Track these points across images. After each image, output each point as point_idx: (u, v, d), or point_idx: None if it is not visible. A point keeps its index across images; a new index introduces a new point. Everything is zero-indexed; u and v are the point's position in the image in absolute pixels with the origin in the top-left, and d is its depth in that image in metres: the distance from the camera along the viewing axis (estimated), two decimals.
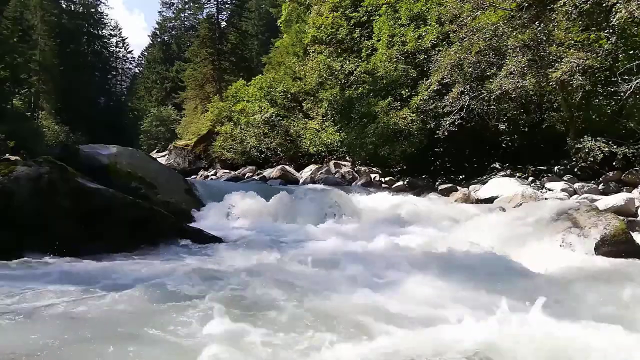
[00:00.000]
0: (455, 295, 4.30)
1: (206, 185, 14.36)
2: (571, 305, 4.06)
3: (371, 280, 4.75)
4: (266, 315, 3.64)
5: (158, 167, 10.86)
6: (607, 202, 9.03)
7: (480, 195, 11.85)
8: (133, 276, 4.86)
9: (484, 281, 4.72)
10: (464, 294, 4.36)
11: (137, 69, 62.26)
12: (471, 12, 13.32)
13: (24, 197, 5.79)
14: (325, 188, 13.50)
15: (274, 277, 4.78)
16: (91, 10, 54.64)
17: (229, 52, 39.14)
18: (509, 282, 4.80)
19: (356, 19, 21.42)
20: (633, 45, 11.36)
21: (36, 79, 34.34)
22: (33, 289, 4.22)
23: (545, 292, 4.46)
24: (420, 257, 6.13)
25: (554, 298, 4.30)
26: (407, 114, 15.97)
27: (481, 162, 15.03)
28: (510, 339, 3.22)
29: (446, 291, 4.40)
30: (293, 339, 3.21)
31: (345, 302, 4.08)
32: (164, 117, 42.92)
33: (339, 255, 6.01)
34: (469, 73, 14.01)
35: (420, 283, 4.64)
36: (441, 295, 4.27)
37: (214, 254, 6.34)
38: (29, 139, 22.09)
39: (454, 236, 7.70)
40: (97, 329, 3.36)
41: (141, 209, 6.82)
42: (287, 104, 22.16)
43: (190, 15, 56.40)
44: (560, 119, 13.31)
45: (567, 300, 4.28)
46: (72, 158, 8.59)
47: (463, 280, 4.71)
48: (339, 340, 3.18)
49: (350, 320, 3.58)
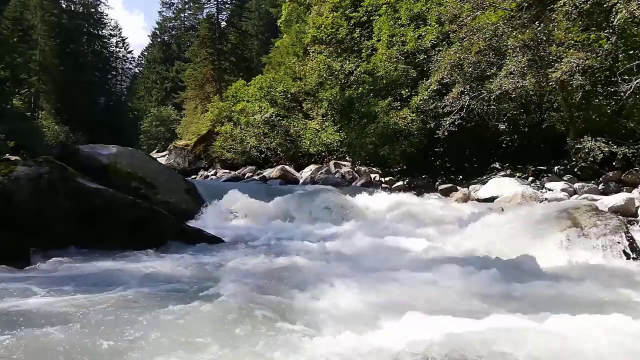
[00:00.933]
0: (455, 295, 4.30)
1: (206, 185, 14.37)
2: (571, 305, 4.06)
3: (370, 280, 4.75)
4: (266, 314, 3.63)
5: (158, 167, 10.85)
6: (607, 202, 9.03)
7: (480, 195, 11.85)
8: (133, 276, 4.86)
9: (484, 281, 4.72)
10: (463, 294, 4.36)
11: (137, 69, 62.32)
12: (471, 12, 13.31)
13: (24, 197, 5.79)
14: (325, 188, 13.50)
15: (273, 277, 4.79)
16: (91, 10, 54.62)
17: (229, 52, 39.14)
18: (509, 282, 4.79)
19: (356, 19, 21.43)
20: (633, 45, 11.36)
21: (36, 79, 34.35)
22: (33, 289, 4.22)
23: (545, 292, 4.48)
24: (420, 257, 6.13)
25: (554, 298, 4.30)
26: (407, 114, 15.98)
27: (481, 162, 15.03)
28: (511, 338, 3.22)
29: (446, 291, 4.40)
30: (293, 338, 3.21)
31: (345, 302, 4.08)
32: (164, 117, 42.92)
33: (339, 255, 6.01)
34: (469, 73, 14.02)
35: (419, 283, 4.64)
36: (440, 295, 4.27)
37: (214, 253, 6.33)
38: (29, 139, 22.12)
39: (454, 236, 7.70)
40: (97, 329, 3.36)
41: (141, 209, 6.81)
42: (287, 104, 22.17)
43: (190, 15, 56.39)
44: (560, 119, 13.31)
45: (567, 300, 4.28)
46: (72, 158, 8.58)
47: (462, 280, 4.71)
48: (339, 339, 3.18)
49: (350, 320, 3.58)
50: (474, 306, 4.01)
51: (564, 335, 3.30)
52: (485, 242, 6.86)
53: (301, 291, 4.31)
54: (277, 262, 5.65)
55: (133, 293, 4.24)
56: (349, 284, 4.58)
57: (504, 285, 4.65)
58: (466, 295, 4.29)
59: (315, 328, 3.40)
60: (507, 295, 4.32)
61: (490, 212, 8.88)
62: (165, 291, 4.30)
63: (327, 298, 4.13)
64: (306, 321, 3.52)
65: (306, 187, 14.52)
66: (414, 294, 4.31)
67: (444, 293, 4.33)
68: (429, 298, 4.22)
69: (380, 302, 4.11)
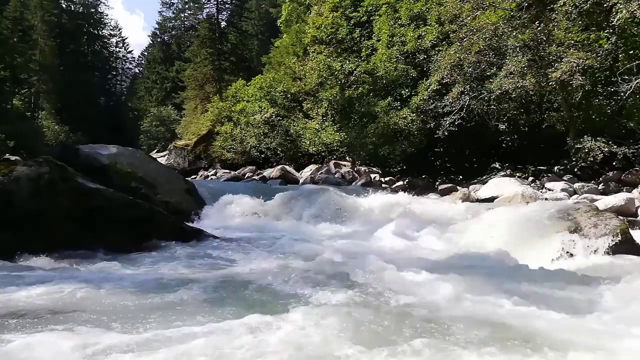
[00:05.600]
0: (454, 295, 4.29)
1: (206, 185, 14.36)
2: (571, 305, 4.06)
3: (370, 280, 4.75)
4: (266, 314, 3.63)
5: (158, 167, 10.85)
6: (607, 202, 9.03)
7: (480, 195, 11.85)
8: (133, 276, 4.86)
9: (484, 281, 4.72)
10: (463, 293, 4.35)
11: (137, 69, 62.23)
12: (471, 12, 13.31)
13: (24, 197, 5.79)
14: (325, 188, 13.49)
15: (273, 276, 4.78)
16: (91, 10, 54.56)
17: (229, 52, 39.12)
18: (508, 281, 4.79)
19: (356, 19, 21.43)
20: (633, 45, 11.37)
21: (36, 79, 34.33)
22: (32, 289, 4.22)
23: (545, 292, 4.47)
24: (419, 257, 6.13)
25: (554, 298, 4.30)
26: (407, 114, 15.97)
27: (481, 162, 15.02)
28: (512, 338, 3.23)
29: (445, 291, 4.39)
30: (293, 337, 3.20)
31: (345, 301, 4.07)
32: (164, 117, 42.87)
33: (338, 255, 6.00)
34: (469, 73, 14.02)
35: (418, 283, 4.64)
36: (440, 295, 4.26)
37: (214, 253, 6.33)
38: (29, 139, 22.09)
39: (454, 236, 7.70)
40: (97, 329, 3.36)
41: (141, 209, 6.82)
42: (287, 104, 22.16)
43: (190, 15, 56.31)
44: (560, 119, 13.31)
45: (568, 299, 4.28)
46: (72, 158, 8.57)
47: (462, 281, 4.70)
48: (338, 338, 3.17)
49: (350, 320, 3.57)
50: (473, 306, 4.01)
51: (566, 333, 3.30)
52: (485, 242, 6.86)
53: (301, 291, 4.31)
54: (276, 262, 5.65)
55: (133, 292, 4.24)
56: (348, 284, 4.58)
57: (504, 285, 4.64)
58: (465, 295, 4.28)
59: (315, 327, 3.39)
60: (507, 295, 4.31)
61: (490, 212, 8.87)
62: (165, 291, 4.30)
63: (327, 298, 4.13)
64: (306, 321, 3.51)
65: (306, 187, 14.51)
66: (414, 293, 4.31)
67: (444, 293, 4.32)
68: (428, 297, 4.22)
69: (380, 301, 4.11)
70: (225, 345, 3.05)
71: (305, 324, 3.41)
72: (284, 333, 3.24)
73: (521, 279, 4.88)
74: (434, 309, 3.88)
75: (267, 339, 3.15)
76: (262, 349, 3.01)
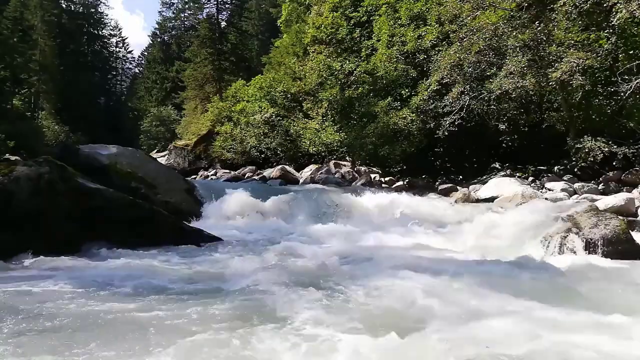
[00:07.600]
0: (454, 295, 4.29)
1: (206, 185, 14.35)
2: (571, 305, 4.06)
3: (370, 280, 4.75)
4: (265, 314, 3.64)
5: (158, 167, 10.85)
6: (607, 202, 9.02)
7: (480, 195, 11.84)
8: (133, 275, 4.86)
9: (483, 281, 4.71)
10: (463, 293, 4.36)
11: (137, 69, 62.18)
12: (471, 12, 13.29)
13: (24, 197, 5.79)
14: (325, 188, 13.50)
15: (272, 276, 4.78)
16: (91, 10, 54.56)
17: (229, 52, 39.08)
18: (508, 281, 4.79)
19: (356, 19, 21.42)
20: (633, 45, 11.36)
21: (36, 79, 34.28)
22: (32, 289, 4.22)
23: (545, 292, 4.47)
24: (418, 257, 6.12)
25: (554, 297, 4.29)
26: (407, 114, 15.96)
27: (481, 162, 15.02)
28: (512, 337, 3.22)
29: (445, 291, 4.40)
30: (292, 336, 3.21)
31: (344, 301, 4.08)
32: (164, 117, 42.84)
33: (338, 255, 6.01)
34: (469, 73, 14.00)
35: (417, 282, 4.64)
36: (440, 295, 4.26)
37: (214, 253, 6.34)
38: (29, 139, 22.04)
39: (454, 236, 7.70)
40: (97, 328, 3.36)
41: (141, 209, 6.82)
42: (287, 104, 22.13)
43: (190, 15, 56.30)
44: (560, 119, 13.30)
45: (568, 299, 4.28)
46: (72, 158, 8.58)
47: (461, 280, 4.71)
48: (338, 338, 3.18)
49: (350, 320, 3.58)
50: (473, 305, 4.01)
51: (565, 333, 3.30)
52: (485, 242, 6.87)
53: (300, 290, 4.31)
54: (276, 262, 5.66)
55: (133, 292, 4.25)
56: (348, 284, 4.58)
57: (504, 285, 4.64)
58: (465, 295, 4.28)
59: (314, 327, 3.40)
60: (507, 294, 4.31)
61: (490, 212, 8.87)
62: (165, 290, 4.31)
63: (327, 297, 4.13)
64: (305, 320, 3.51)
65: (306, 187, 14.52)
66: (414, 293, 4.31)
67: (443, 293, 4.32)
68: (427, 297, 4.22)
69: (380, 302, 4.11)
70: (225, 345, 3.05)
71: (306, 323, 3.41)
72: (284, 333, 3.24)
73: (521, 279, 4.89)
74: (434, 309, 3.87)
75: (267, 339, 3.15)
76: (267, 351, 3.00)
